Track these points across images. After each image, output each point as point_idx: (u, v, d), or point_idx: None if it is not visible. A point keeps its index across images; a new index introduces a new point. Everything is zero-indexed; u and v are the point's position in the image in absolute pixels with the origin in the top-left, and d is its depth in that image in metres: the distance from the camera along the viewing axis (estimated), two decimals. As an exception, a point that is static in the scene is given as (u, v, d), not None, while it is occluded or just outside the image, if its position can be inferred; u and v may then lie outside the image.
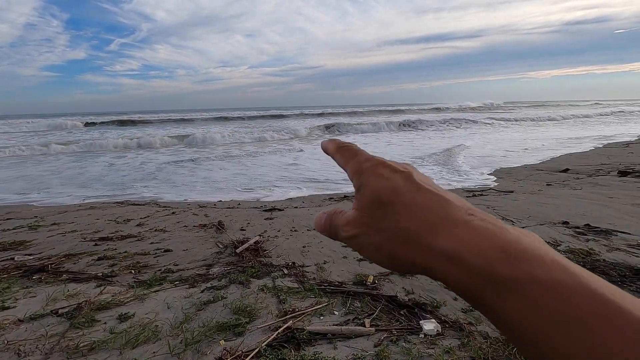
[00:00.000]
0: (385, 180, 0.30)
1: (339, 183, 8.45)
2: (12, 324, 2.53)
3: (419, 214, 0.27)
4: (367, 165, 0.32)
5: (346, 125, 25.79)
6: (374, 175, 0.31)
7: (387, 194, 0.29)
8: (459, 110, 48.05)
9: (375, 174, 0.31)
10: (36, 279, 3.37)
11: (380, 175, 0.31)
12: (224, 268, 3.57)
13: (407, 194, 0.29)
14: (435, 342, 2.25)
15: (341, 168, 0.36)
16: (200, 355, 2.15)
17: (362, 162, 0.33)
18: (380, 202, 0.29)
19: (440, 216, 0.27)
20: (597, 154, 11.55)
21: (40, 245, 4.40)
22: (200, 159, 13.14)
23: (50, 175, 10.59)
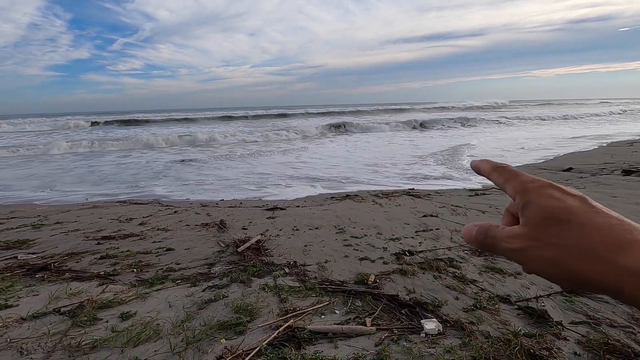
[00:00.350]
0: (557, 200, 0.32)
1: (348, 181, 8.46)
2: (14, 322, 2.54)
3: (601, 234, 0.29)
4: (534, 186, 0.34)
5: (355, 124, 25.49)
6: (544, 196, 0.33)
7: (561, 212, 0.31)
8: (466, 109, 47.66)
9: (545, 194, 0.33)
10: (39, 277, 3.38)
11: (550, 196, 0.32)
12: (225, 267, 3.57)
13: (584, 214, 0.30)
14: (437, 341, 2.25)
15: (498, 186, 0.39)
16: (202, 354, 2.16)
17: (528, 182, 0.35)
18: (553, 219, 0.31)
19: (627, 238, 0.28)
20: (601, 153, 11.48)
21: (43, 244, 4.43)
22: (207, 158, 13.19)
23: (62, 174, 10.67)
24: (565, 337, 2.27)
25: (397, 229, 4.70)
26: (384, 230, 4.65)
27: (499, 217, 3.14)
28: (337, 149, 14.58)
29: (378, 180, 8.69)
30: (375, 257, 3.74)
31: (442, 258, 3.62)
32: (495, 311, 2.60)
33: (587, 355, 2.10)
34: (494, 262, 3.45)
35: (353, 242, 4.21)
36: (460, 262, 3.52)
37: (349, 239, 4.35)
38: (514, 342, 2.15)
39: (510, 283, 3.05)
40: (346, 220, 5.14)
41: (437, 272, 3.30)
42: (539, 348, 2.12)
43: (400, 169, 9.97)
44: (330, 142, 18.14)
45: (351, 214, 5.49)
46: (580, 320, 2.48)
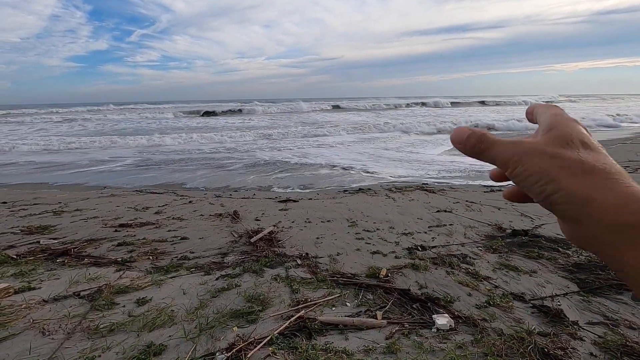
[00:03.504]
0: (582, 134, 0.34)
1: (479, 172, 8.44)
2: (37, 304, 2.65)
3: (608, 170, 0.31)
4: (565, 117, 0.36)
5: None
6: (572, 127, 0.34)
7: (581, 139, 0.33)
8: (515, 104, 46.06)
9: (574, 126, 0.35)
10: (60, 262, 3.50)
11: (573, 127, 0.34)
12: (238, 257, 3.62)
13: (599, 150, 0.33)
14: (448, 337, 2.23)
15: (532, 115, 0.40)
16: (214, 341, 2.20)
17: (559, 113, 0.37)
18: (572, 142, 0.33)
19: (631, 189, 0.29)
20: (626, 150, 11.09)
21: (63, 230, 4.57)
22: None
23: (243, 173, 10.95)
24: (581, 337, 2.22)
25: (409, 223, 4.66)
26: (397, 224, 4.62)
27: (515, 214, 3.08)
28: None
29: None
30: (387, 251, 3.72)
31: (455, 254, 3.58)
32: (508, 309, 2.56)
33: (603, 356, 2.05)
34: (509, 260, 3.39)
35: (365, 236, 4.21)
36: (474, 258, 3.48)
37: (361, 232, 4.34)
38: (527, 341, 2.12)
39: (525, 281, 3.00)
40: (358, 213, 5.13)
41: (450, 267, 3.27)
42: (554, 347, 2.08)
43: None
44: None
45: (364, 207, 5.47)
46: (597, 321, 2.42)
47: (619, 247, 0.28)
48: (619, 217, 0.28)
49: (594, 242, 0.30)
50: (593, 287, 2.86)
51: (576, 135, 0.33)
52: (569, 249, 3.65)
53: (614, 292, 2.80)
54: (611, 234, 0.28)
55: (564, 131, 0.33)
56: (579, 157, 0.31)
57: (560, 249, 3.64)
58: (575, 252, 3.57)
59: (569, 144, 0.32)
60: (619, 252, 0.28)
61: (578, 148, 0.32)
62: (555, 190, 0.31)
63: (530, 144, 0.33)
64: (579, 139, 0.32)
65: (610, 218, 0.28)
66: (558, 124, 0.34)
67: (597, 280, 2.94)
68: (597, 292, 2.81)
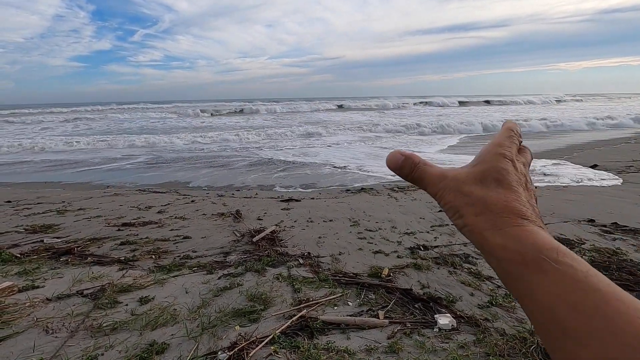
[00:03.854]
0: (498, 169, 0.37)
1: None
2: (41, 302, 2.66)
3: (506, 206, 0.34)
4: (495, 153, 0.38)
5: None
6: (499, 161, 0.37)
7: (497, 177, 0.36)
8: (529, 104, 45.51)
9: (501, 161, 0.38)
10: (63, 260, 3.52)
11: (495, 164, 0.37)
12: (240, 256, 3.63)
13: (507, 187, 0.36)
14: (450, 336, 2.23)
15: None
16: (216, 340, 2.21)
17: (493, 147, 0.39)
18: (486, 178, 0.36)
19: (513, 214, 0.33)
20: (630, 150, 11.02)
21: (67, 229, 4.59)
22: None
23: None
24: (584, 338, 2.21)
25: (412, 223, 4.66)
26: (399, 224, 4.62)
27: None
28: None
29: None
30: (390, 250, 3.72)
31: (457, 254, 3.57)
32: (511, 309, 2.55)
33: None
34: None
35: (367, 235, 4.20)
36: (477, 258, 3.47)
37: (363, 232, 4.34)
38: (530, 341, 2.11)
39: (527, 281, 2.99)
40: (361, 213, 5.13)
41: (452, 267, 3.26)
42: (556, 347, 2.07)
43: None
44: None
45: (366, 207, 5.47)
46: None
47: (510, 283, 0.31)
48: (504, 254, 0.31)
49: (495, 270, 0.33)
50: (596, 287, 2.85)
51: (493, 173, 0.36)
52: (572, 249, 3.63)
53: (617, 292, 2.79)
54: (503, 269, 0.31)
55: (484, 168, 0.36)
56: (485, 195, 0.34)
57: (563, 249, 3.62)
58: (578, 252, 3.55)
59: (483, 181, 0.35)
60: (510, 286, 0.31)
61: (489, 185, 0.35)
62: (463, 225, 0.35)
63: (451, 180, 0.37)
64: (494, 177, 0.35)
65: (499, 256, 0.31)
66: (484, 159, 0.37)
67: (600, 281, 2.93)
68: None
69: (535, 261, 0.29)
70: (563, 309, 0.26)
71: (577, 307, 0.26)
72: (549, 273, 0.28)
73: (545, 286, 0.28)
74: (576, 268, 0.28)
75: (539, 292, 0.28)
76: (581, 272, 0.28)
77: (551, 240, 0.31)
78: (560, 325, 0.26)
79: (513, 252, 0.30)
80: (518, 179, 0.36)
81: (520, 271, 0.30)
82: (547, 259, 0.29)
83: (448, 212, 0.37)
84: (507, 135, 0.40)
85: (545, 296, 0.28)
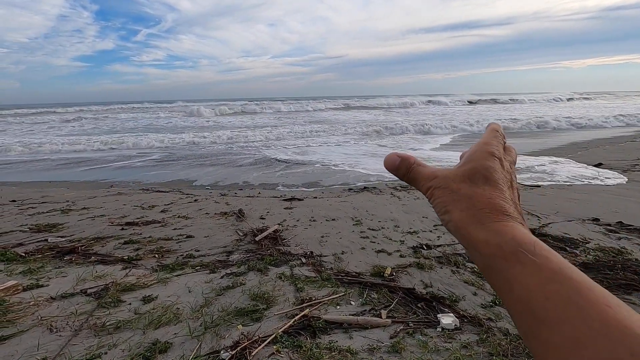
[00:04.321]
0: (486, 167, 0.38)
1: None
2: (45, 301, 2.68)
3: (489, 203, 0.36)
4: (483, 152, 0.40)
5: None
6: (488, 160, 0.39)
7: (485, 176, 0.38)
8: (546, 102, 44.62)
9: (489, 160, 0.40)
10: (67, 260, 3.54)
11: (483, 163, 0.39)
12: (243, 255, 3.63)
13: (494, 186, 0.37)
14: (453, 336, 2.22)
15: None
16: (219, 339, 2.21)
17: (482, 146, 0.41)
18: (474, 175, 0.38)
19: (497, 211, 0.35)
20: (635, 148, 10.94)
21: (71, 228, 4.62)
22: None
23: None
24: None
25: (415, 222, 4.64)
26: (402, 223, 4.61)
27: (523, 213, 3.05)
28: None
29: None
30: (392, 249, 3.71)
31: (460, 253, 3.56)
32: (514, 308, 2.54)
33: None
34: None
35: (370, 235, 4.20)
36: (480, 257, 3.45)
37: (365, 231, 4.34)
38: (533, 341, 2.10)
39: (531, 280, 2.97)
40: (363, 212, 5.12)
41: (456, 266, 3.25)
42: (560, 347, 2.06)
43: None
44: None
45: (369, 206, 5.46)
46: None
47: (491, 275, 0.33)
48: (486, 248, 0.33)
49: (477, 265, 0.35)
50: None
51: (482, 171, 0.37)
52: (576, 248, 3.61)
53: (622, 292, 2.77)
54: (485, 262, 0.33)
55: (473, 166, 0.38)
56: (472, 192, 0.36)
57: (567, 248, 3.60)
58: (583, 252, 3.53)
59: (472, 178, 0.37)
60: (491, 278, 0.33)
61: (477, 182, 0.37)
62: (449, 220, 0.37)
63: (442, 178, 0.39)
64: (482, 174, 0.37)
65: (481, 251, 0.33)
66: (473, 158, 0.39)
67: (605, 280, 2.91)
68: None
69: (514, 254, 0.31)
70: (539, 298, 0.28)
71: (552, 296, 0.28)
72: (527, 265, 0.30)
73: (523, 277, 0.30)
74: (552, 260, 0.30)
75: (517, 283, 0.30)
76: (556, 264, 0.30)
77: (530, 235, 0.32)
78: (536, 313, 0.28)
79: (494, 246, 0.32)
80: (504, 177, 0.38)
81: (500, 264, 0.31)
82: (524, 251, 0.31)
83: (436, 208, 0.39)
84: (494, 135, 0.42)
85: (522, 286, 0.29)
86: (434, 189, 0.39)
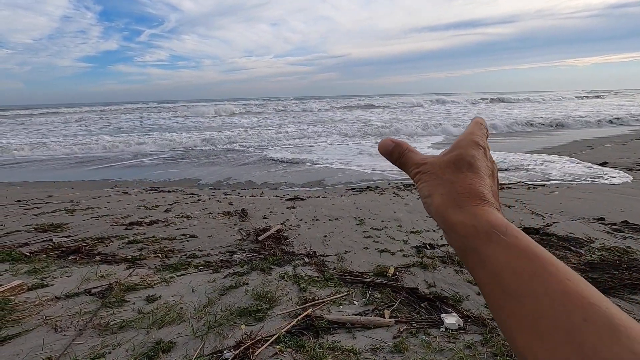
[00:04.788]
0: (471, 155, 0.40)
1: (362, 173, 8.38)
2: (49, 300, 2.70)
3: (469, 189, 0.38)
4: (469, 140, 0.42)
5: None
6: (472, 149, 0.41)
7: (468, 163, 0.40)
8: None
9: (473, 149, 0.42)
10: (71, 259, 3.56)
11: (468, 150, 0.41)
12: (246, 255, 3.64)
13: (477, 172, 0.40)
14: (457, 336, 2.21)
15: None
16: (222, 338, 2.21)
17: (468, 135, 0.43)
18: (459, 161, 0.40)
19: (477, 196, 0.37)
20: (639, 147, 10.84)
21: (75, 228, 4.65)
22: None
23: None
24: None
25: (418, 221, 4.63)
26: (405, 222, 4.60)
27: (526, 212, 3.03)
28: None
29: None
30: (395, 249, 3.70)
31: (464, 252, 3.54)
32: (519, 308, 2.52)
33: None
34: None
35: (373, 234, 4.19)
36: (484, 257, 3.44)
37: (368, 230, 4.33)
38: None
39: (535, 280, 2.95)
40: (366, 211, 5.11)
41: (459, 266, 3.24)
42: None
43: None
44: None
45: (372, 205, 5.45)
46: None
47: (466, 255, 0.35)
48: (462, 229, 0.35)
49: (454, 247, 0.37)
50: (606, 287, 2.80)
51: (466, 159, 0.39)
52: (581, 248, 3.58)
53: (627, 292, 2.74)
54: (461, 243, 0.35)
55: (459, 153, 0.40)
56: (454, 178, 0.38)
57: (572, 248, 3.57)
58: (587, 251, 3.50)
59: (457, 164, 0.39)
60: (467, 258, 0.35)
61: (461, 169, 0.39)
62: (430, 203, 0.39)
63: (430, 165, 0.41)
64: (467, 161, 0.39)
65: (458, 231, 0.35)
66: (460, 145, 0.41)
67: (610, 280, 2.88)
68: (611, 292, 2.75)
69: (487, 234, 0.33)
70: (508, 272, 0.30)
71: (519, 271, 0.30)
72: (499, 244, 0.32)
73: (494, 255, 0.32)
74: (521, 239, 0.32)
75: (489, 260, 0.32)
76: (525, 243, 0.32)
77: (503, 219, 0.35)
78: (504, 286, 0.30)
79: (470, 227, 0.35)
80: (486, 166, 0.40)
81: (475, 243, 0.34)
82: (497, 232, 0.33)
83: (420, 192, 0.41)
84: (478, 127, 0.44)
85: (494, 263, 0.32)
86: (421, 173, 0.41)
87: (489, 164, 0.41)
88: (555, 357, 0.26)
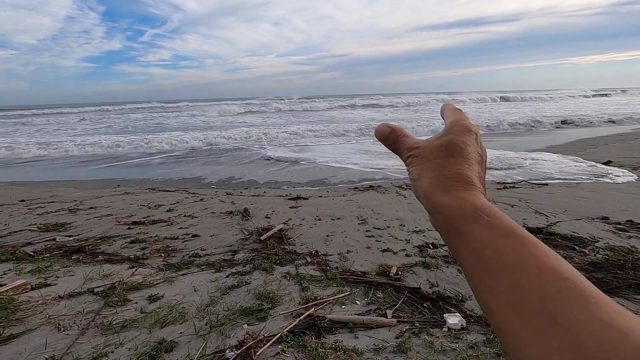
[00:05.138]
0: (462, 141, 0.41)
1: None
2: (53, 300, 2.71)
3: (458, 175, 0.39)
4: (460, 125, 0.43)
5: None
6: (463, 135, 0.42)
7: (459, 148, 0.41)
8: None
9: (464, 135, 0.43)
10: (75, 259, 3.58)
11: (459, 136, 0.42)
12: (248, 254, 3.64)
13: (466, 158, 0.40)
14: (459, 336, 2.20)
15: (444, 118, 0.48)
16: (224, 338, 2.22)
17: (458, 120, 0.44)
18: (450, 146, 0.40)
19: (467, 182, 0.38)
20: (644, 146, 10.75)
21: (78, 227, 4.67)
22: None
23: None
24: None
25: (420, 221, 4.61)
26: (407, 222, 4.58)
27: (530, 212, 3.02)
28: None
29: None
30: (398, 249, 3.69)
31: (467, 252, 3.53)
32: (522, 308, 2.51)
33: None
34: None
35: (375, 233, 4.18)
36: (487, 256, 3.42)
37: (371, 230, 4.32)
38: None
39: (539, 280, 2.93)
40: (369, 211, 5.10)
41: (462, 266, 3.22)
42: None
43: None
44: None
45: (374, 205, 5.44)
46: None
47: (451, 237, 0.36)
48: (448, 211, 0.36)
49: (440, 229, 0.38)
50: (610, 286, 2.78)
51: (458, 144, 0.40)
52: (585, 247, 3.55)
53: (632, 292, 2.72)
54: (447, 225, 0.36)
55: (451, 138, 0.41)
56: (444, 162, 0.39)
57: (576, 247, 3.55)
58: (592, 250, 3.48)
59: (448, 148, 0.40)
60: (451, 240, 0.36)
61: (452, 153, 0.39)
62: (419, 186, 0.40)
63: (422, 149, 0.42)
64: (459, 146, 0.40)
65: (443, 213, 0.36)
66: (452, 130, 0.42)
67: (614, 280, 2.86)
68: (615, 292, 2.73)
69: (472, 215, 0.34)
70: (489, 251, 0.32)
71: (500, 249, 0.31)
72: (482, 224, 0.34)
73: (478, 234, 0.33)
74: (503, 220, 0.34)
75: (473, 239, 0.33)
76: (507, 224, 0.33)
77: (488, 203, 0.36)
78: (485, 264, 0.31)
79: (455, 209, 0.36)
80: (476, 152, 0.41)
81: (459, 223, 0.35)
82: (481, 213, 0.34)
83: (410, 175, 0.42)
84: (460, 112, 0.45)
85: (477, 242, 0.33)
86: (413, 157, 0.42)
87: (479, 150, 0.42)
88: (529, 326, 0.27)
